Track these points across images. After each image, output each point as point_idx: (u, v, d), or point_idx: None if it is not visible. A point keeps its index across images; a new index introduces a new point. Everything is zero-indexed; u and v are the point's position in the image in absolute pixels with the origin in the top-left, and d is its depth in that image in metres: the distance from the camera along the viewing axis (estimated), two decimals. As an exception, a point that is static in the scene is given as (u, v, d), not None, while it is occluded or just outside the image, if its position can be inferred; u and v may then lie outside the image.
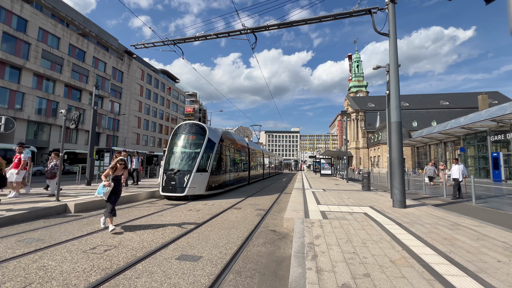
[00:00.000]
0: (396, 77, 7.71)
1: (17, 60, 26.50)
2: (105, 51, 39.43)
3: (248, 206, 8.62)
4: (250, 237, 4.91)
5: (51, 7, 31.48)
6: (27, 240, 4.44)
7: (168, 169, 10.11)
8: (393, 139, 7.70)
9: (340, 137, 75.94)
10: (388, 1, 7.96)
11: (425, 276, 2.79)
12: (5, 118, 8.28)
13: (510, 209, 7.52)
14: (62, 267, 3.31)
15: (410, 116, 57.50)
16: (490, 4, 1.52)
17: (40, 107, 29.66)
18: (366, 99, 71.24)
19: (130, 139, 44.55)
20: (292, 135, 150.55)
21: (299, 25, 9.96)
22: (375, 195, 10.39)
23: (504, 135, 21.20)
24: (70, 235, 4.75)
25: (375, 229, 4.86)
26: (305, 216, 5.94)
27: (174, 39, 11.38)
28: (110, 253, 3.87)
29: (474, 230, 4.77)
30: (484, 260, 3.26)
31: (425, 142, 35.89)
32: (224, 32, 10.88)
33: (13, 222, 5.56)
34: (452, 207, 7.89)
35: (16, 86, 26.90)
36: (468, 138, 26.67)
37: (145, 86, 49.19)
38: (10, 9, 26.12)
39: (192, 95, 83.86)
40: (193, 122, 11.45)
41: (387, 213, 6.45)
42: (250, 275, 3.21)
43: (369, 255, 3.42)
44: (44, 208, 6.44)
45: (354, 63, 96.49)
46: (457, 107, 58.64)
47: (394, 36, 7.85)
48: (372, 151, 58.10)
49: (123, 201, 8.67)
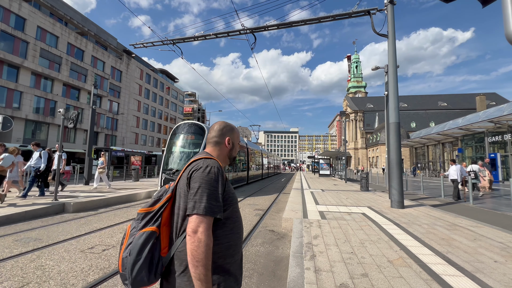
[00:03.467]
0: (394, 78, 7.74)
1: (15, 58, 26.36)
2: (104, 50, 39.30)
3: (247, 206, 8.62)
4: (248, 237, 4.91)
5: (50, 5, 31.34)
6: (24, 239, 4.43)
7: (167, 169, 10.09)
8: (391, 140, 7.73)
9: (338, 137, 76.14)
10: (387, 2, 7.99)
11: (422, 276, 2.80)
12: (2, 117, 8.24)
13: (507, 209, 7.57)
14: (60, 267, 3.30)
15: (408, 117, 57.72)
16: (489, 6, 1.53)
17: (38, 106, 29.51)
18: (364, 99, 71.42)
19: (128, 138, 44.44)
20: (291, 135, 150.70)
21: (299, 25, 9.98)
22: (373, 195, 10.42)
23: (502, 136, 21.32)
24: (68, 235, 4.73)
25: (373, 229, 4.87)
26: (304, 216, 5.96)
27: (173, 39, 11.37)
28: (108, 252, 3.86)
29: (471, 231, 4.80)
30: (481, 260, 3.28)
31: (423, 143, 36.03)
32: (224, 32, 10.89)
33: (11, 221, 5.54)
34: (449, 207, 7.93)
35: (14, 85, 26.75)
36: (466, 139, 26.80)
37: (144, 85, 49.07)
38: (8, 8, 25.98)
39: (191, 95, 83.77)
40: (192, 121, 11.43)
41: (385, 213, 6.48)
42: (248, 275, 3.22)
43: (367, 255, 3.43)
44: (42, 207, 6.41)
45: (353, 63, 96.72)
46: (455, 108, 58.95)
47: (393, 37, 7.88)
48: (370, 152, 58.27)
49: (121, 201, 8.66)
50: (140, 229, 1.05)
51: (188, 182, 1.05)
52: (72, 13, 35.67)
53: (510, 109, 20.05)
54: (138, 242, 1.01)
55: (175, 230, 1.06)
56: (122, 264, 1.03)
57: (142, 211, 1.09)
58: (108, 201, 8.16)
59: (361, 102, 68.62)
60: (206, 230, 0.96)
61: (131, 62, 45.50)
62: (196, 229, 0.95)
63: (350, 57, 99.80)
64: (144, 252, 0.99)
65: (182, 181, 1.08)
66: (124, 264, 1.02)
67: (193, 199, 0.99)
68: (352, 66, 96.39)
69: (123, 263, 1.02)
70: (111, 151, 22.58)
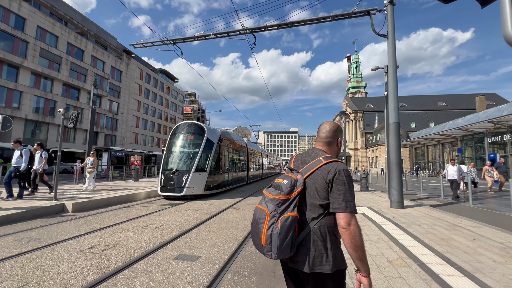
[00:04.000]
0: (394, 78, 7.74)
1: (15, 58, 26.34)
2: (104, 50, 39.29)
3: (247, 206, 8.62)
4: (248, 237, 4.90)
5: (50, 5, 31.33)
6: (24, 239, 4.42)
7: (167, 169, 10.09)
8: (391, 140, 7.73)
9: (338, 137, 76.06)
10: (387, 3, 8.00)
11: (422, 276, 2.81)
12: (2, 117, 8.24)
13: (507, 210, 7.58)
14: (60, 267, 3.30)
15: (408, 117, 57.75)
16: (488, 6, 1.53)
17: (37, 106, 29.49)
18: (364, 100, 71.45)
19: (128, 138, 44.42)
20: (291, 135, 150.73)
21: (298, 25, 9.99)
22: (373, 195, 10.43)
23: (501, 137, 21.34)
24: (68, 235, 4.73)
25: (373, 229, 4.88)
26: (303, 216, 5.95)
27: (173, 39, 11.37)
28: (108, 252, 3.86)
29: (471, 231, 4.81)
30: (480, 261, 3.28)
31: (423, 143, 36.05)
32: (224, 32, 10.89)
33: (10, 221, 5.54)
34: (449, 207, 7.93)
35: (13, 85, 26.74)
36: (465, 139, 26.83)
37: (143, 85, 49.05)
38: (8, 7, 25.96)
39: (191, 95, 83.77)
40: (192, 122, 11.43)
41: (385, 213, 6.48)
42: (248, 275, 3.22)
43: (366, 255, 3.43)
44: (42, 207, 6.41)
45: (353, 64, 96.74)
46: (455, 109, 58.99)
47: (393, 38, 7.89)
48: (370, 152, 58.28)
49: (121, 201, 8.66)
50: (283, 214, 1.29)
51: (330, 183, 1.30)
52: (72, 13, 35.66)
53: (509, 109, 20.05)
54: (286, 224, 1.26)
55: (307, 216, 1.34)
56: (265, 239, 1.29)
57: (280, 198, 1.32)
58: (108, 201, 8.15)
59: (361, 102, 68.64)
60: (357, 223, 1.26)
61: (131, 62, 45.49)
62: (350, 223, 1.24)
63: (350, 57, 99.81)
64: (290, 232, 1.27)
65: (318, 178, 1.33)
66: (267, 239, 1.28)
67: (344, 200, 1.26)
68: (352, 66, 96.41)
69: (267, 238, 1.28)
70: (111, 151, 22.58)
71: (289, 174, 1.43)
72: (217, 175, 11.64)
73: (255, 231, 1.35)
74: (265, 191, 1.42)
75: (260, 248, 1.33)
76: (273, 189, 1.40)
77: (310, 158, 1.43)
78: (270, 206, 1.33)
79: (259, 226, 1.33)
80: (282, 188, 1.35)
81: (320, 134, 1.51)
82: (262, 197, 1.44)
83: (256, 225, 1.34)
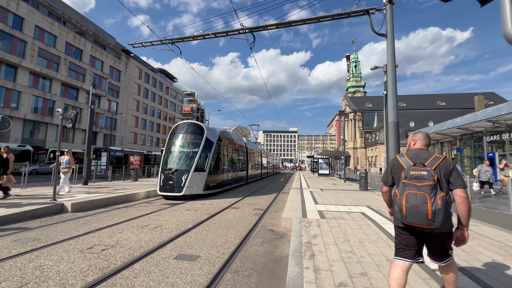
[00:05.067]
0: (393, 78, 7.75)
1: (13, 58, 26.24)
2: (103, 50, 39.17)
3: (246, 205, 8.62)
4: (248, 237, 4.91)
5: (48, 5, 31.20)
6: (23, 239, 4.41)
7: (166, 169, 10.08)
8: (390, 139, 7.74)
9: (338, 137, 76.25)
10: (386, 2, 8.00)
11: (421, 275, 2.81)
12: (0, 117, 8.20)
13: (505, 208, 7.60)
14: (59, 267, 3.29)
15: (407, 117, 57.85)
16: (487, 5, 1.54)
17: (36, 106, 29.40)
18: (363, 99, 71.51)
19: (127, 138, 44.34)
20: (290, 135, 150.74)
21: (298, 25, 9.97)
22: (372, 194, 10.45)
23: (500, 136, 21.41)
24: (67, 235, 4.72)
25: (372, 228, 4.89)
26: (303, 215, 5.96)
27: (172, 38, 11.34)
28: (107, 252, 3.86)
29: (470, 230, 4.81)
30: (479, 259, 3.30)
31: (422, 142, 36.04)
32: (223, 31, 10.87)
33: (9, 221, 5.52)
34: (448, 206, 7.96)
35: (12, 85, 26.64)
36: (464, 139, 26.89)
37: (142, 85, 48.95)
38: (6, 7, 25.84)
39: (190, 95, 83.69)
40: (191, 121, 11.42)
41: (384, 212, 6.49)
42: (248, 274, 3.22)
43: (366, 254, 3.44)
44: (41, 207, 6.39)
45: (352, 63, 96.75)
46: (453, 108, 59.11)
47: (392, 37, 7.89)
48: (369, 151, 58.35)
49: (120, 201, 8.65)
50: (438, 194, 1.83)
51: (449, 172, 1.94)
52: (71, 12, 35.53)
53: (508, 108, 20.08)
54: (444, 201, 1.82)
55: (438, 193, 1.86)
56: (431, 213, 1.79)
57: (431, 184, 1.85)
58: (107, 201, 8.14)
59: (360, 101, 68.69)
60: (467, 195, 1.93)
61: (130, 61, 45.38)
62: (466, 196, 1.90)
63: (349, 57, 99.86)
64: (445, 206, 1.83)
65: (443, 169, 1.94)
66: (433, 213, 1.78)
67: (462, 180, 1.91)
68: (351, 66, 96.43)
69: (432, 213, 1.78)
70: (110, 151, 22.54)
71: (419, 167, 1.95)
72: (217, 174, 11.63)
73: (417, 210, 1.82)
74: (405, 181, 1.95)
75: (424, 222, 1.81)
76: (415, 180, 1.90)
77: (427, 155, 2.04)
78: (427, 190, 1.84)
79: (423, 206, 1.81)
80: (426, 177, 1.87)
81: (422, 139, 2.20)
82: (403, 186, 1.96)
83: (417, 207, 1.82)
